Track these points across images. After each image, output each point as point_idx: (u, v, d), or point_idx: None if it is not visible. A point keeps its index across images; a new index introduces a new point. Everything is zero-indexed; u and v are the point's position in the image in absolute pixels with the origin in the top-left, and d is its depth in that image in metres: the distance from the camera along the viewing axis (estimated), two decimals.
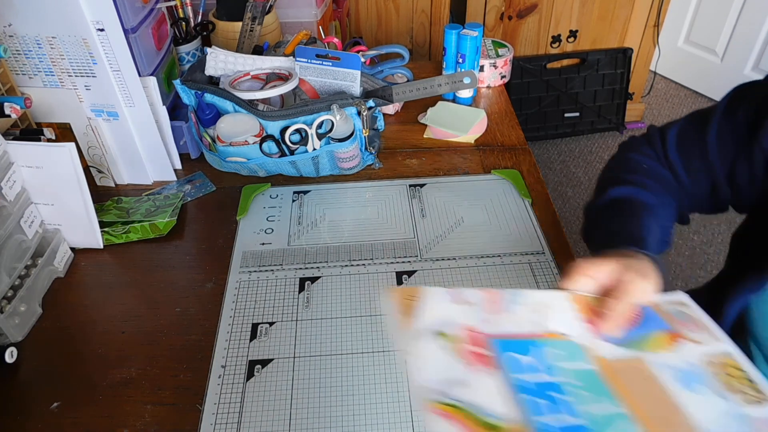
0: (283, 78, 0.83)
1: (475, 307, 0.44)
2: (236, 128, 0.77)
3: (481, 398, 0.38)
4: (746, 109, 0.55)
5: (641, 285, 0.46)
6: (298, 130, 0.77)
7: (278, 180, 0.85)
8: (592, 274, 0.47)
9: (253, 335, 0.63)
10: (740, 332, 0.56)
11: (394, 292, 0.45)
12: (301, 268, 0.70)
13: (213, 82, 0.83)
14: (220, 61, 0.82)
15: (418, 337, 0.41)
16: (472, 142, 0.93)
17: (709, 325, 0.46)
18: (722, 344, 0.45)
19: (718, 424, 0.40)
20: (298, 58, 0.81)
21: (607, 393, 0.41)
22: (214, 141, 0.79)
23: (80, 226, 0.72)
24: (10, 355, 0.60)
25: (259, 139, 0.77)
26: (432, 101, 0.98)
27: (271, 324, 0.64)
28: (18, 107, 0.69)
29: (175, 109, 0.89)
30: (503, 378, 0.40)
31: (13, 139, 0.67)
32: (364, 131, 0.79)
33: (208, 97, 0.78)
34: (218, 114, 0.79)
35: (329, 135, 0.77)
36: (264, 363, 0.60)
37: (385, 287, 0.65)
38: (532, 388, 0.40)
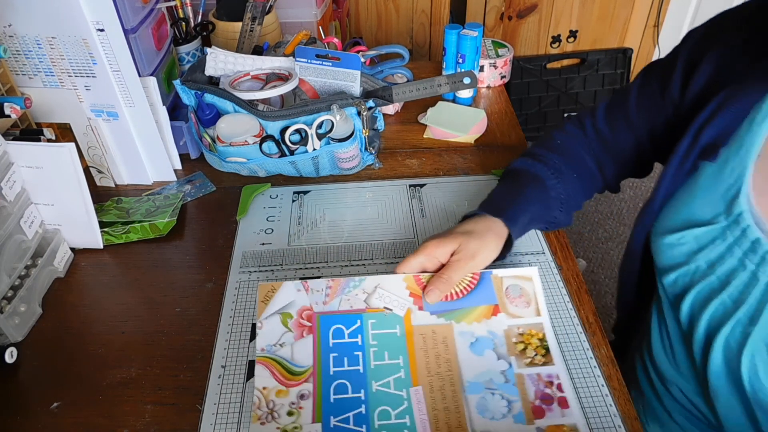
0: (283, 78, 0.83)
1: (318, 293, 0.60)
2: (236, 128, 0.77)
3: (295, 354, 0.56)
4: (656, 75, 0.67)
5: (464, 266, 0.60)
6: (298, 130, 0.77)
7: (278, 180, 0.85)
8: (432, 253, 0.60)
9: (253, 335, 0.63)
10: (651, 266, 0.65)
11: (262, 287, 0.61)
12: (301, 268, 0.70)
13: (213, 82, 0.83)
14: (220, 62, 0.82)
15: (267, 316, 0.59)
16: (472, 142, 0.93)
17: (539, 302, 0.61)
18: (539, 318, 0.60)
19: (481, 377, 0.55)
20: (298, 58, 0.81)
21: (403, 351, 0.57)
22: (214, 141, 0.79)
23: (80, 226, 0.72)
24: (10, 355, 0.60)
25: (259, 139, 0.77)
26: (432, 101, 0.98)
27: None
28: (18, 107, 0.69)
29: (175, 109, 0.89)
30: (319, 342, 0.57)
31: (13, 139, 0.67)
32: (364, 131, 0.79)
33: (208, 97, 0.78)
34: (218, 114, 0.79)
35: (329, 135, 0.77)
36: None
37: (258, 283, 0.69)
38: (342, 348, 0.57)
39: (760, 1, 0.60)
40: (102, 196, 0.82)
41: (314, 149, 0.78)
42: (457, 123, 0.93)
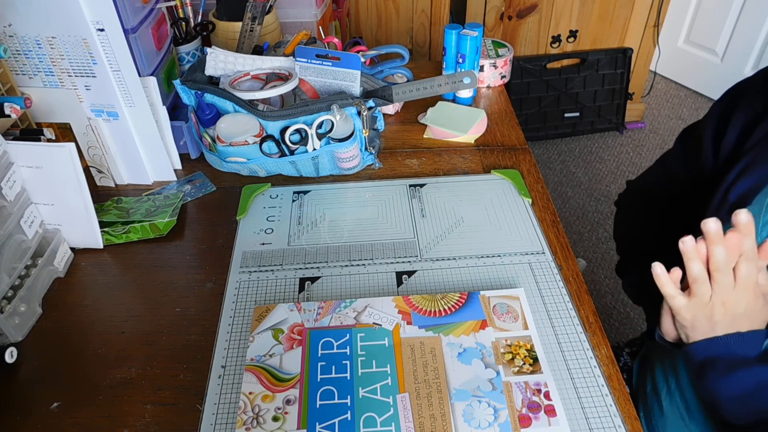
0: (283, 78, 0.83)
1: (310, 313, 0.63)
2: (236, 128, 0.77)
3: (283, 363, 0.58)
4: (690, 142, 0.74)
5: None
6: (298, 130, 0.77)
7: (278, 180, 0.85)
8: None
9: None
10: None
11: (257, 309, 0.64)
12: (301, 268, 0.70)
13: (213, 82, 0.83)
14: (220, 61, 0.82)
15: (259, 332, 0.61)
16: (472, 142, 0.93)
17: (526, 318, 0.62)
18: (527, 331, 0.61)
19: (468, 385, 0.56)
20: (298, 58, 0.81)
21: (391, 360, 0.58)
22: (214, 141, 0.79)
23: (80, 226, 0.72)
24: (10, 355, 0.60)
25: (259, 139, 0.77)
26: (432, 101, 0.98)
27: None
28: (18, 107, 0.69)
29: (175, 109, 0.89)
30: (308, 353, 0.59)
31: (13, 139, 0.67)
32: (364, 131, 0.79)
33: (208, 97, 0.78)
34: (218, 114, 0.79)
35: (329, 135, 0.77)
36: None
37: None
38: (330, 358, 0.58)
39: None
40: (102, 196, 0.82)
41: (314, 149, 0.78)
42: (457, 123, 0.93)
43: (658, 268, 0.54)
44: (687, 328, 0.56)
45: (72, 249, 0.74)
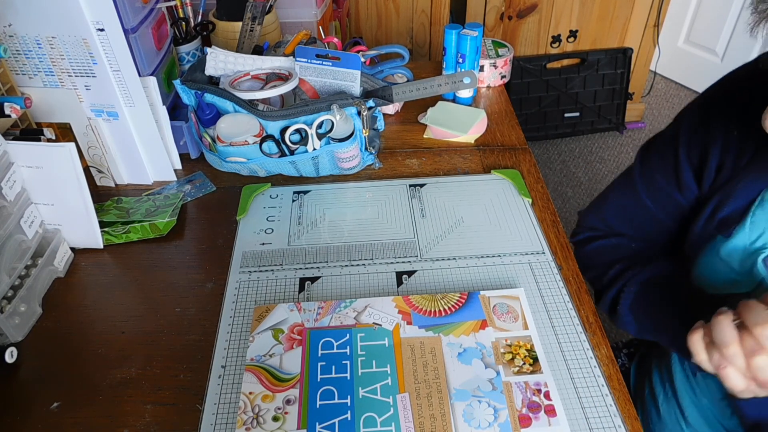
0: (283, 78, 0.83)
1: (310, 312, 0.63)
2: (236, 128, 0.77)
3: (283, 363, 0.58)
4: (661, 171, 0.68)
5: None
6: (298, 130, 0.77)
7: (278, 180, 0.85)
8: None
9: None
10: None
11: (257, 309, 0.64)
12: (301, 268, 0.70)
13: (213, 82, 0.83)
14: (220, 61, 0.82)
15: (259, 332, 0.61)
16: (472, 142, 0.93)
17: (526, 317, 0.62)
18: (527, 331, 0.61)
19: (468, 385, 0.56)
20: (298, 58, 0.81)
21: (391, 360, 0.58)
22: (214, 141, 0.79)
23: (80, 226, 0.72)
24: (10, 355, 0.60)
25: (259, 139, 0.77)
26: (432, 101, 0.98)
27: None
28: (18, 107, 0.69)
29: (175, 109, 0.89)
30: (308, 353, 0.59)
31: (13, 139, 0.67)
32: (364, 131, 0.79)
33: (208, 97, 0.78)
34: (218, 114, 0.79)
35: (329, 135, 0.77)
36: None
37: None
38: (330, 358, 0.58)
39: (740, 79, 0.63)
40: (102, 196, 0.82)
41: (314, 149, 0.78)
42: (457, 123, 0.93)
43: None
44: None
45: (72, 249, 0.74)
